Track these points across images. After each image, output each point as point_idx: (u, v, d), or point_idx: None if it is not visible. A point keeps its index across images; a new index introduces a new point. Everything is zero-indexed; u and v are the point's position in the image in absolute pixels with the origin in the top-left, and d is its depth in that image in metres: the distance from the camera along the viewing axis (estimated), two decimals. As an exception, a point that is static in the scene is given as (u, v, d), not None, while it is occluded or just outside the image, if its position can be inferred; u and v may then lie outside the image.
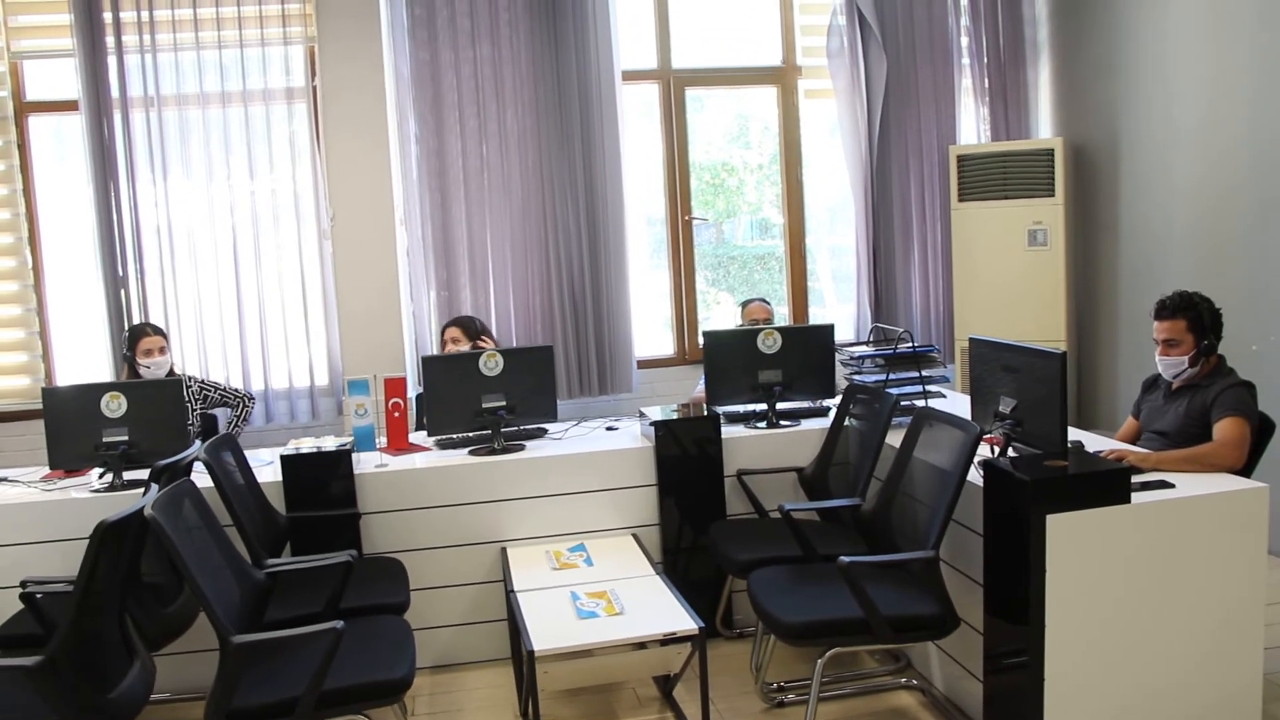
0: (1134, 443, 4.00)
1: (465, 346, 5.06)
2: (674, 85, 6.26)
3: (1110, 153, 5.97)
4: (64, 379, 5.67)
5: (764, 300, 5.57)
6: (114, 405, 3.96)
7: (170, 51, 5.45)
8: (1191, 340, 3.69)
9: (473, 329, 5.17)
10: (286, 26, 5.54)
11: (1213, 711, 3.20)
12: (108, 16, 5.35)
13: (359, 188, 5.71)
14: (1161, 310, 3.75)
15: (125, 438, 3.95)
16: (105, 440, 3.94)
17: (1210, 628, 3.16)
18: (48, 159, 5.69)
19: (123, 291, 5.47)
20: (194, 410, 4.97)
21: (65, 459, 4.05)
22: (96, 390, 4.01)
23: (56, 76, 5.58)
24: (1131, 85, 5.76)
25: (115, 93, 5.39)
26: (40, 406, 4.04)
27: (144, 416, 3.98)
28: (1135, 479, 3.16)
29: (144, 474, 3.93)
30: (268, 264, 5.67)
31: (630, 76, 6.08)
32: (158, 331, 4.99)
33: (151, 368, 4.87)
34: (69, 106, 5.45)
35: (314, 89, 5.65)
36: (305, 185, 5.67)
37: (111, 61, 5.37)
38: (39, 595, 3.33)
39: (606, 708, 3.79)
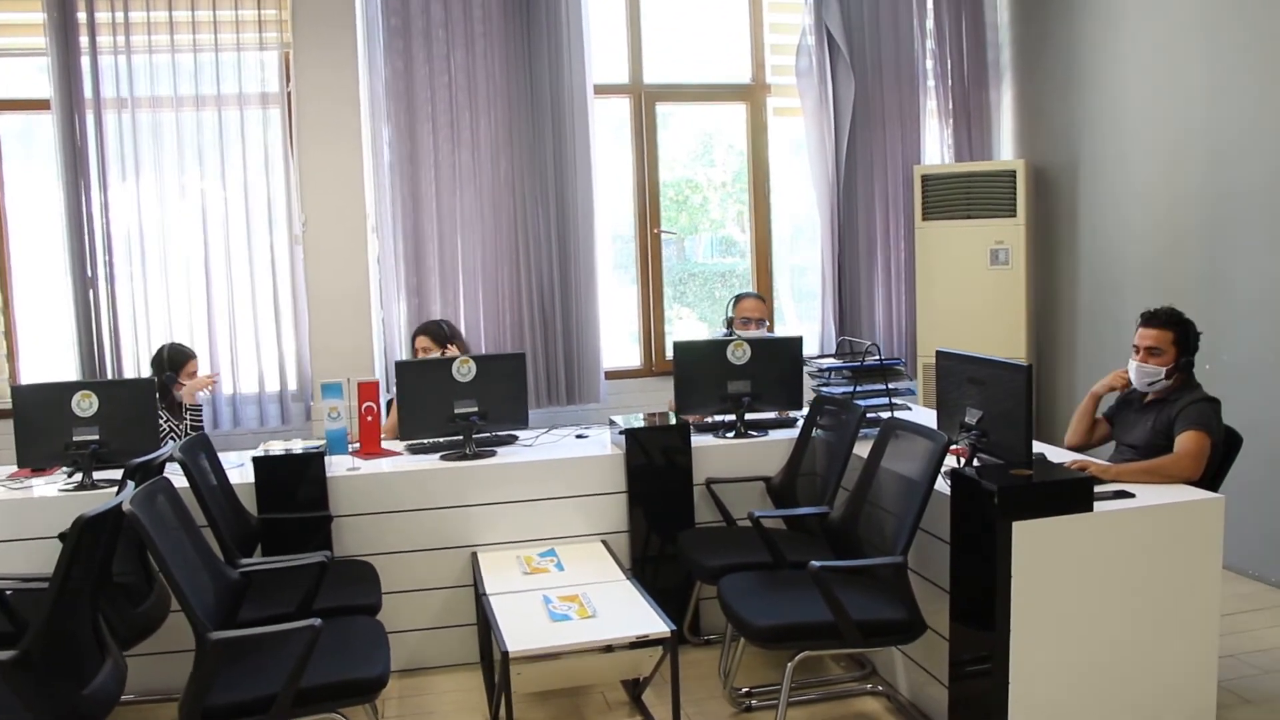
0: (1095, 444, 4.12)
1: (436, 354, 5.08)
2: (645, 100, 6.34)
3: (1070, 175, 6.12)
4: (28, 379, 5.61)
5: (759, 296, 5.54)
6: (85, 404, 3.94)
7: (145, 54, 5.43)
8: (1174, 353, 3.79)
9: (441, 335, 5.18)
10: (262, 32, 5.54)
11: (1170, 718, 3.29)
12: (82, 16, 5.31)
13: (331, 194, 5.71)
14: (1152, 319, 3.85)
15: (96, 437, 3.93)
16: (75, 439, 3.92)
17: (1168, 634, 3.26)
18: (16, 157, 5.65)
19: (91, 292, 5.43)
20: None
21: (34, 457, 4.01)
22: (67, 389, 3.98)
23: (28, 75, 5.55)
24: (1090, 108, 5.92)
25: (88, 93, 5.35)
26: (9, 405, 4.01)
27: (115, 416, 3.96)
28: (1097, 489, 3.25)
29: (112, 474, 3.94)
30: (239, 268, 5.64)
31: (602, 90, 6.15)
32: (194, 354, 5.01)
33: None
34: (40, 105, 5.42)
35: (288, 95, 5.65)
36: (278, 191, 5.66)
37: (85, 62, 5.34)
38: (9, 592, 3.31)
39: (576, 711, 3.82)
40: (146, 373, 5.28)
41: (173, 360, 4.85)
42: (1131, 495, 3.31)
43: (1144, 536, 3.22)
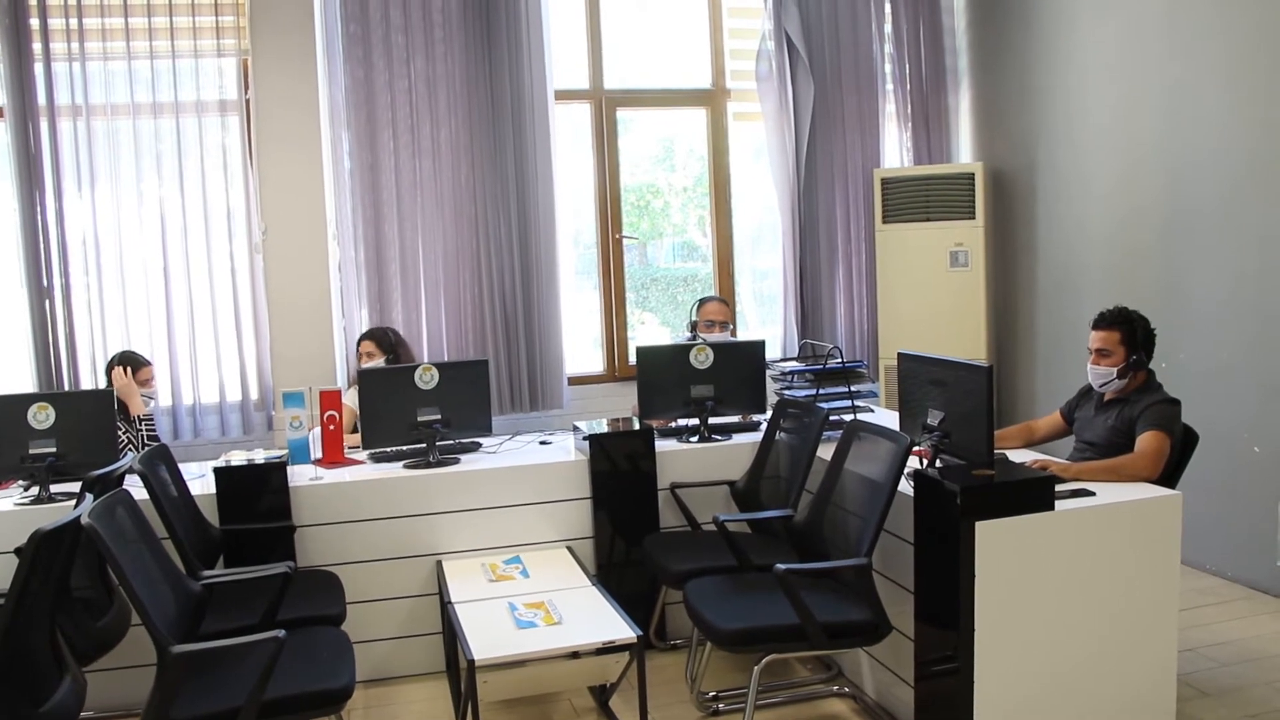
0: (1047, 439, 4.17)
1: (380, 360, 5.06)
2: (606, 105, 6.34)
3: (1028, 177, 6.19)
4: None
5: (723, 300, 5.57)
6: (41, 416, 3.89)
7: (100, 60, 5.36)
8: (1123, 353, 3.83)
9: (386, 342, 5.16)
10: (220, 39, 5.49)
11: (1131, 711, 3.34)
12: (34, 23, 5.24)
13: (291, 202, 5.67)
14: (1100, 321, 3.90)
15: (53, 449, 3.88)
16: (32, 452, 3.86)
17: (1129, 629, 3.30)
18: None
19: (48, 303, 5.34)
20: None
21: (-12, 471, 3.96)
22: (23, 401, 3.92)
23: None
24: (1047, 112, 5.99)
25: (42, 100, 5.28)
26: (-38, 418, 3.94)
27: (73, 428, 3.92)
28: (1057, 488, 3.29)
29: (70, 487, 3.88)
30: (198, 277, 5.58)
31: (563, 96, 6.14)
32: (149, 361, 4.96)
33: (156, 397, 4.96)
34: (-8, 113, 5.35)
35: (247, 102, 5.60)
36: (237, 198, 5.61)
37: (39, 68, 5.26)
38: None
39: (543, 718, 3.81)
40: (104, 384, 5.21)
41: (126, 367, 4.80)
42: (1092, 494, 3.35)
43: (1104, 534, 3.26)
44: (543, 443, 4.74)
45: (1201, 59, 4.96)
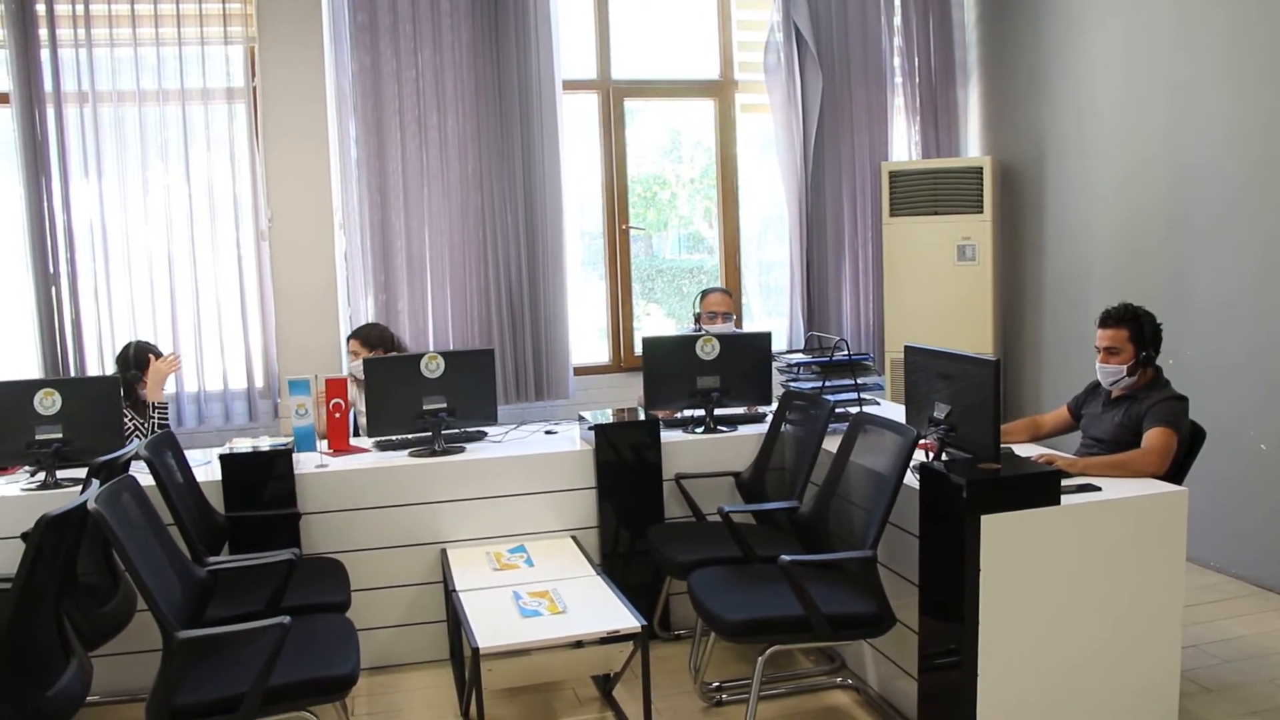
0: (1056, 433, 4.16)
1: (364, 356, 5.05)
2: (613, 96, 6.33)
3: (1036, 171, 6.17)
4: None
5: (726, 290, 5.57)
6: (48, 402, 3.89)
7: (106, 47, 5.37)
8: (1132, 350, 3.82)
9: (371, 339, 5.13)
10: (227, 26, 5.49)
11: (1134, 706, 3.33)
12: (41, 8, 5.25)
13: (298, 190, 5.68)
14: (1106, 319, 3.88)
15: (59, 435, 3.88)
16: (38, 438, 3.86)
17: (1133, 625, 3.29)
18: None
19: (54, 289, 5.36)
20: None
21: (-7, 456, 3.96)
22: (29, 387, 3.93)
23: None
24: (1056, 107, 5.97)
25: (48, 87, 5.29)
26: (-32, 403, 3.95)
27: (79, 414, 3.92)
28: (1063, 482, 3.28)
29: (76, 473, 3.89)
30: (204, 265, 5.59)
31: (570, 86, 6.13)
32: (161, 353, 4.95)
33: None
34: (-1, 99, 5.36)
35: (254, 90, 5.60)
36: (243, 186, 5.62)
37: (45, 54, 5.27)
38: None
39: (547, 707, 3.82)
40: (110, 370, 5.22)
41: (138, 359, 4.79)
42: (1098, 489, 3.34)
43: (1110, 529, 3.25)
44: (548, 432, 4.75)
45: (1209, 57, 4.95)
